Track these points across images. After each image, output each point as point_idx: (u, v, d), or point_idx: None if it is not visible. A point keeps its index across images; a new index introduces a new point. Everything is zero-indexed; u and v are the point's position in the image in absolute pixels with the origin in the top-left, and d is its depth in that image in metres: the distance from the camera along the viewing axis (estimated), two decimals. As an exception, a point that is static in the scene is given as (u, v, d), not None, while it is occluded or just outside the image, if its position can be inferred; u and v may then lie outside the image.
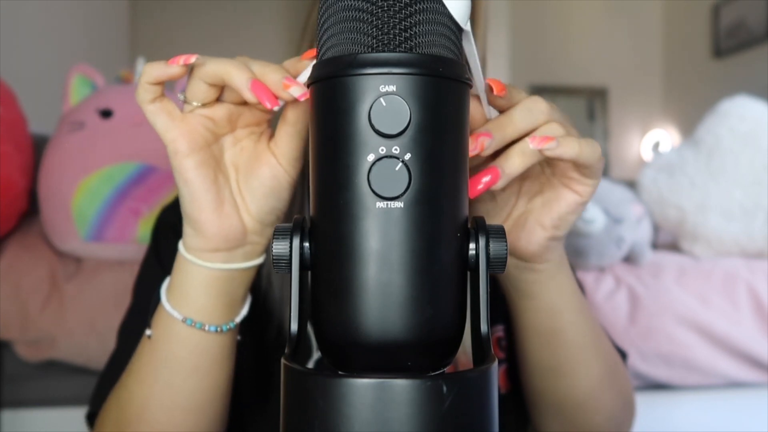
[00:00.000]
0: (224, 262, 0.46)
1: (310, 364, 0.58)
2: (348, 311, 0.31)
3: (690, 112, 4.15)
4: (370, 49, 0.31)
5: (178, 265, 0.48)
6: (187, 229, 0.46)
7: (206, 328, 0.47)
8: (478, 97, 0.42)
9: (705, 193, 1.34)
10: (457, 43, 0.34)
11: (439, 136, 0.32)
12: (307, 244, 0.34)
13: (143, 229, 1.10)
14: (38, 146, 1.25)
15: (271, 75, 0.40)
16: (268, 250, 0.49)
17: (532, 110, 0.42)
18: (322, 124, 0.32)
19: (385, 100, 0.30)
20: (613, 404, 0.58)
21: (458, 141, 0.33)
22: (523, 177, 0.48)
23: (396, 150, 0.31)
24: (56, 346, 1.07)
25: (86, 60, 1.51)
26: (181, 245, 0.47)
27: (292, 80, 0.40)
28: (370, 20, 0.31)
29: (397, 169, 0.31)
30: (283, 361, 0.32)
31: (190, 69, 0.42)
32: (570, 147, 0.41)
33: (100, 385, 0.60)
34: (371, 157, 0.31)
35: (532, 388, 0.58)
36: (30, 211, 1.21)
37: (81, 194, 1.09)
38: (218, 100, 0.44)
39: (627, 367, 0.64)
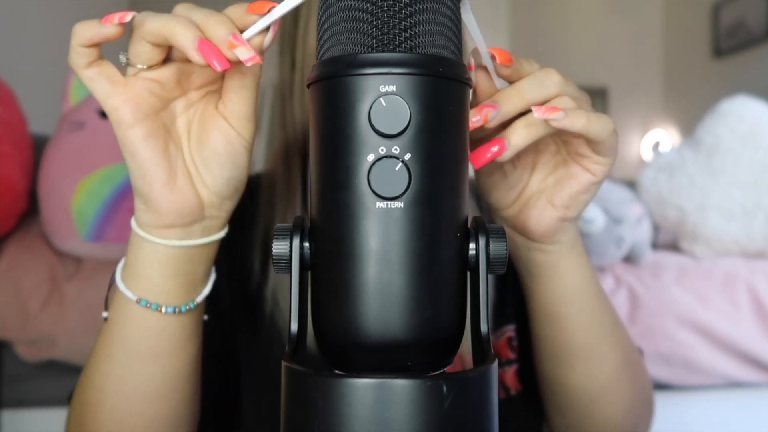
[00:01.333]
0: (180, 239, 0.43)
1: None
2: (348, 311, 0.31)
3: (690, 112, 4.15)
4: (370, 49, 0.31)
5: (132, 243, 0.44)
6: (138, 205, 0.42)
7: (162, 309, 0.44)
8: (485, 68, 0.41)
9: (705, 193, 1.34)
10: (457, 42, 0.34)
11: (439, 136, 0.32)
12: (307, 244, 0.34)
13: (143, 229, 1.10)
14: (38, 146, 1.25)
15: (216, 30, 0.36)
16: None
17: (542, 82, 0.40)
18: (322, 124, 0.32)
19: (385, 100, 0.30)
20: (630, 397, 0.56)
21: (458, 141, 0.33)
22: (538, 154, 0.47)
23: (396, 150, 0.31)
24: (56, 346, 1.07)
25: (86, 60, 1.51)
26: (133, 221, 0.44)
27: (240, 39, 0.36)
28: (370, 20, 0.31)
29: (397, 169, 0.31)
30: (283, 361, 0.32)
31: (132, 28, 0.38)
32: (577, 119, 0.39)
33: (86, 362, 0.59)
34: (371, 157, 0.31)
35: (547, 378, 0.57)
36: (30, 211, 1.21)
37: (81, 194, 1.09)
38: (166, 60, 0.39)
39: (643, 363, 0.62)
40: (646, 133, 4.72)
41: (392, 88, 0.30)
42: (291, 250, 0.34)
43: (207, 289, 0.47)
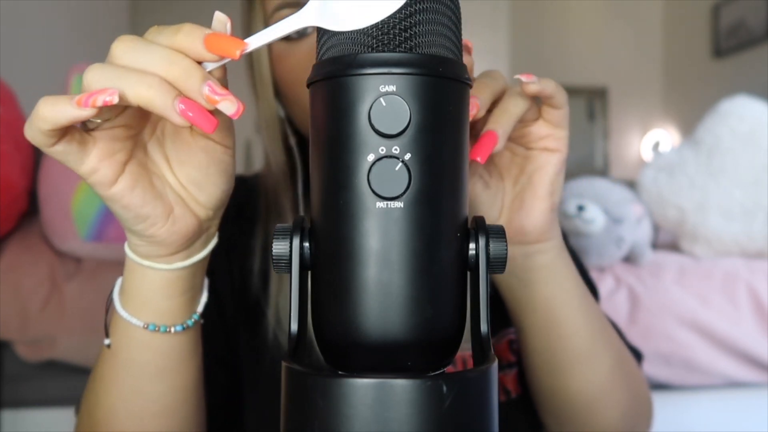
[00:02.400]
0: (184, 260, 0.43)
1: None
2: (348, 311, 0.31)
3: (690, 112, 4.14)
4: (370, 49, 0.31)
5: (131, 271, 0.43)
6: (135, 241, 0.41)
7: (171, 330, 0.44)
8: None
9: (705, 193, 1.34)
10: (457, 43, 0.34)
11: (439, 136, 0.32)
12: (307, 244, 0.34)
13: (143, 229, 1.10)
14: (38, 146, 1.24)
15: (190, 82, 0.32)
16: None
17: (492, 76, 0.45)
18: (322, 124, 0.32)
19: (385, 100, 0.30)
20: (626, 400, 0.57)
21: (458, 141, 0.33)
22: (500, 164, 0.50)
23: (396, 150, 0.31)
24: (56, 346, 1.07)
25: (86, 60, 1.51)
26: (130, 252, 0.42)
27: (217, 89, 0.32)
28: (370, 20, 0.31)
29: (397, 169, 0.31)
30: (283, 361, 0.32)
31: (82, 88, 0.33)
32: (548, 83, 0.45)
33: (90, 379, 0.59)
34: (371, 157, 0.31)
35: (545, 389, 0.57)
36: (30, 211, 1.21)
37: (81, 194, 1.09)
38: None
39: (642, 368, 0.63)
40: (646, 133, 4.71)
41: (392, 88, 0.30)
42: (291, 250, 0.34)
43: (205, 296, 0.47)
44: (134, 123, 0.37)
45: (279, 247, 0.34)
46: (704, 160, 1.36)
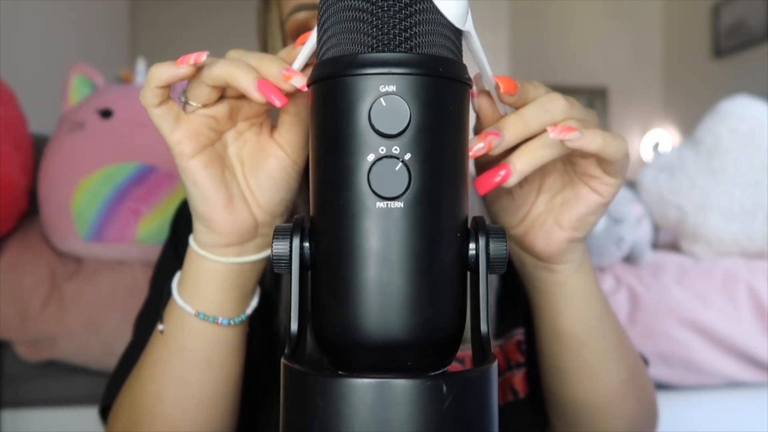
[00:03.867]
0: (237, 256, 0.47)
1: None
2: (348, 311, 0.31)
3: (690, 112, 4.14)
4: (370, 49, 0.31)
5: (190, 260, 0.48)
6: (198, 227, 0.46)
7: (219, 321, 0.48)
8: (489, 93, 0.41)
9: (705, 193, 1.34)
10: (457, 43, 0.34)
11: (439, 136, 0.32)
12: (307, 244, 0.34)
13: (143, 229, 1.10)
14: (38, 146, 1.25)
15: (270, 68, 0.40)
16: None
17: (547, 108, 0.40)
18: (322, 124, 0.32)
19: (385, 100, 0.30)
20: (635, 409, 0.56)
21: (458, 141, 0.33)
22: (544, 175, 0.46)
23: (396, 150, 0.31)
24: (56, 346, 1.07)
25: (86, 60, 1.51)
26: (192, 241, 0.47)
27: (292, 70, 0.39)
28: (370, 20, 0.31)
29: (397, 169, 0.31)
30: (283, 361, 0.32)
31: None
32: (593, 139, 0.39)
33: (114, 378, 0.60)
34: (371, 157, 0.31)
35: (552, 392, 0.57)
36: (30, 211, 1.21)
37: (81, 194, 1.09)
38: (220, 97, 0.44)
39: (648, 373, 0.62)
40: (646, 133, 4.71)
41: (392, 88, 0.30)
42: (291, 250, 0.34)
43: (255, 301, 0.50)
44: (222, 119, 0.44)
45: (279, 247, 0.34)
46: (704, 160, 1.36)
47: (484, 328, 0.34)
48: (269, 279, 0.61)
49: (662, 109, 4.73)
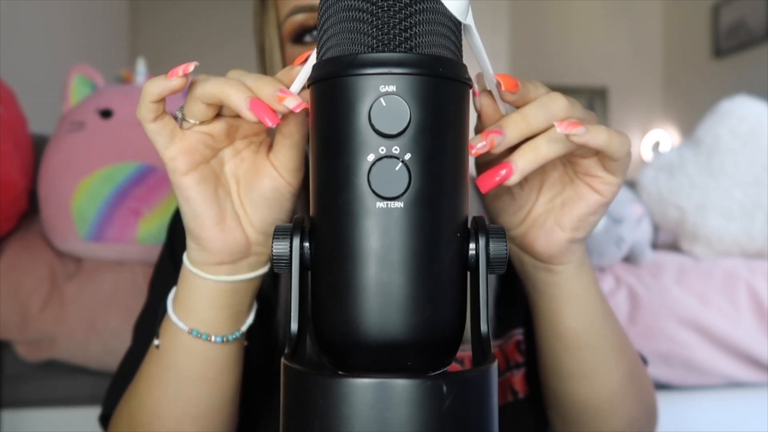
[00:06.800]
0: (229, 275, 0.46)
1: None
2: (348, 311, 0.31)
3: (690, 112, 4.14)
4: (370, 49, 0.31)
5: (184, 278, 0.48)
6: (191, 244, 0.46)
7: (212, 339, 0.48)
8: (490, 92, 0.41)
9: (705, 193, 1.34)
10: (457, 43, 0.34)
11: (439, 136, 0.32)
12: (307, 244, 0.34)
13: (143, 229, 1.10)
14: (38, 146, 1.25)
15: (265, 89, 0.39)
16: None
17: (549, 107, 0.40)
18: (322, 124, 0.32)
19: (385, 100, 0.30)
20: (634, 409, 0.57)
21: (458, 141, 0.33)
22: (545, 175, 0.46)
23: (396, 150, 0.31)
24: (56, 346, 1.07)
25: (86, 60, 1.51)
26: (185, 258, 0.47)
27: (287, 91, 0.39)
28: (370, 20, 0.31)
29: (397, 169, 0.31)
30: (283, 360, 0.32)
31: (188, 87, 0.41)
32: (598, 135, 0.39)
33: (113, 386, 0.60)
34: (371, 157, 0.31)
35: (552, 392, 0.57)
36: (30, 211, 1.21)
37: (81, 194, 1.09)
38: (217, 115, 0.43)
39: (648, 373, 0.62)
40: (646, 133, 4.71)
41: (392, 88, 0.30)
42: (291, 250, 0.34)
43: (250, 319, 0.50)
44: (219, 137, 0.43)
45: (279, 247, 0.34)
46: (704, 160, 1.36)
47: (483, 328, 0.34)
48: (268, 280, 0.61)
49: (662, 109, 4.73)
